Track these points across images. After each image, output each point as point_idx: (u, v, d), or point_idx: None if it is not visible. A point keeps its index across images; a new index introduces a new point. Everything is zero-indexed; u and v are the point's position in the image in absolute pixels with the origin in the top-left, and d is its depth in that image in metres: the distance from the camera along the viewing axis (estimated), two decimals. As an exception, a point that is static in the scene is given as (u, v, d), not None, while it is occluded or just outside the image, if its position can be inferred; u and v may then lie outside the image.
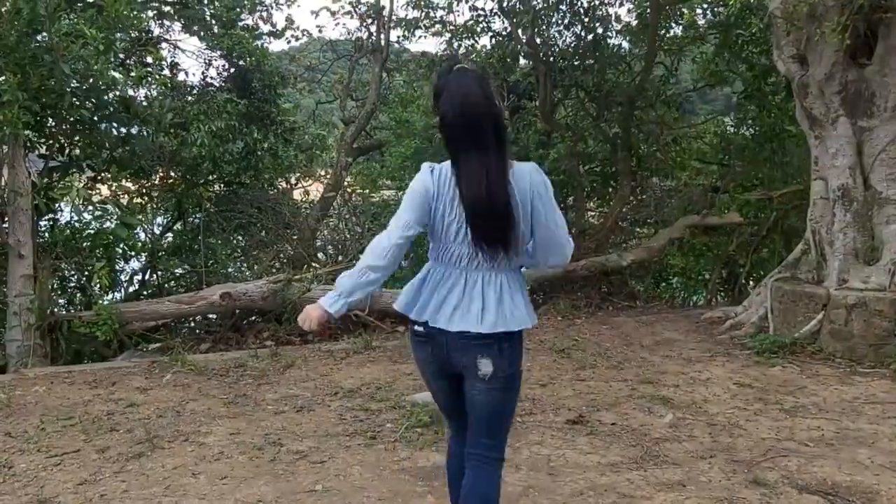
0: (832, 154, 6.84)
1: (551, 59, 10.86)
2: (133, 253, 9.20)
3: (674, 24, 11.24)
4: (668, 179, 11.87)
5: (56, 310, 7.36)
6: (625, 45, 11.60)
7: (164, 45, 10.28)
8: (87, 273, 7.71)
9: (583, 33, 10.81)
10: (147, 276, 9.93)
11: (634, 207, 11.23)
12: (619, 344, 6.81)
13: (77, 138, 7.65)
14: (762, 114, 10.58)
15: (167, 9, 10.15)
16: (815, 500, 3.49)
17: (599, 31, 10.74)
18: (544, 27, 10.82)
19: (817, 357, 6.17)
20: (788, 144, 10.48)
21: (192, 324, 8.42)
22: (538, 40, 10.71)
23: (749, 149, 10.88)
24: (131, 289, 9.57)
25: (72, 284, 8.45)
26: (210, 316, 8.20)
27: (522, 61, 11.89)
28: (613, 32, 11.10)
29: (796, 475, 3.79)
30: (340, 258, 9.58)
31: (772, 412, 4.82)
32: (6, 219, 6.74)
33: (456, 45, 12.48)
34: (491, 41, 11.75)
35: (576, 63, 10.92)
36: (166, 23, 10.40)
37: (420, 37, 13.14)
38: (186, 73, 10.55)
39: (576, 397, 5.14)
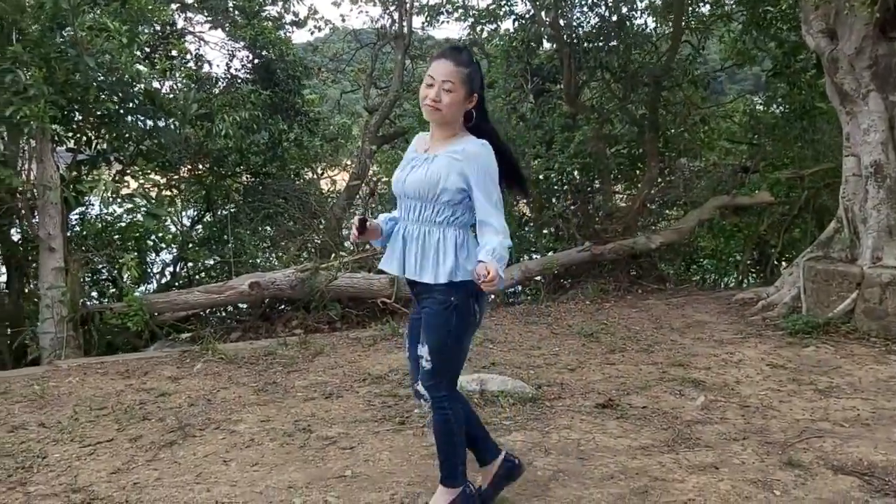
0: (864, 130, 6.70)
1: (575, 40, 10.75)
2: (163, 245, 9.29)
3: (700, 2, 11.07)
4: (696, 160, 11.71)
5: (88, 302, 7.45)
6: (650, 24, 11.46)
7: (188, 37, 10.34)
8: (117, 265, 7.78)
9: (607, 13, 10.70)
10: (177, 268, 10.04)
11: (662, 189, 11.10)
12: (648, 327, 6.74)
13: (104, 132, 7.71)
14: (792, 91, 10.40)
15: (190, 0, 10.19)
16: (850, 481, 3.43)
17: (624, 10, 10.63)
18: (568, 8, 10.71)
19: (851, 336, 6.07)
20: (819, 122, 10.30)
21: (223, 314, 8.50)
22: (562, 22, 10.61)
23: (779, 127, 10.71)
24: (162, 280, 9.69)
25: (103, 277, 8.55)
26: (240, 305, 8.26)
27: (546, 44, 11.79)
28: (638, 12, 10.98)
29: (831, 456, 3.72)
30: (368, 246, 9.58)
31: (806, 393, 4.74)
32: (36, 213, 6.82)
33: (479, 29, 12.42)
34: (514, 24, 11.66)
35: (600, 44, 10.81)
36: (189, 15, 10.45)
37: (443, 22, 13.06)
38: (210, 65, 10.61)
39: (605, 381, 5.10)
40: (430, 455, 3.84)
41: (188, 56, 10.11)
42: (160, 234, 8.65)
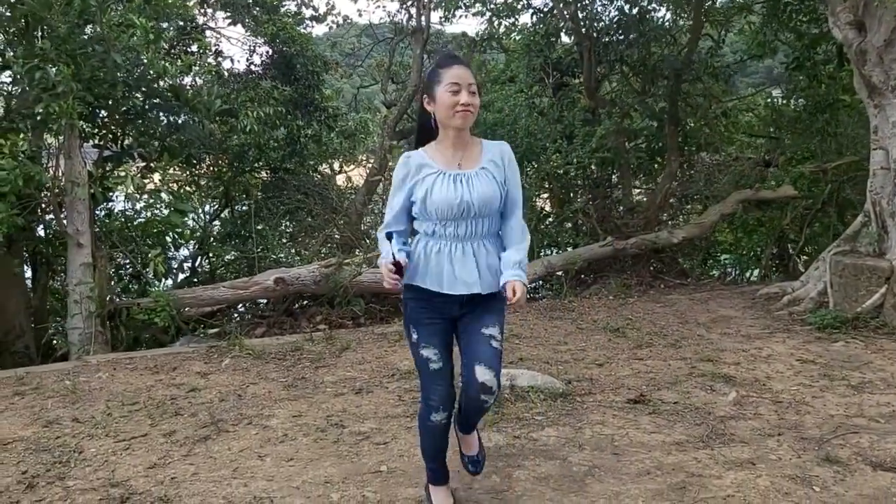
0: (893, 123, 6.64)
1: (595, 34, 10.71)
2: (182, 241, 9.34)
3: (720, -5, 11.00)
4: (716, 154, 11.64)
5: (115, 298, 7.50)
6: (669, 17, 11.39)
7: (208, 33, 10.37)
8: (143, 261, 7.83)
9: (627, 7, 10.64)
10: (197, 264, 10.09)
11: (683, 183, 11.05)
12: (674, 322, 6.72)
13: (129, 128, 7.76)
14: (813, 84, 10.32)
15: (211, -3, 10.24)
16: (890, 477, 3.40)
17: (644, 3, 10.56)
18: (587, 2, 10.67)
19: (881, 332, 6.02)
20: (841, 115, 10.22)
21: (243, 309, 8.52)
22: (581, 15, 10.56)
23: (801, 121, 10.63)
24: (181, 276, 9.73)
25: (127, 272, 8.60)
26: (259, 302, 8.29)
27: (565, 38, 11.75)
28: (658, 4, 10.90)
29: (869, 452, 3.70)
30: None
31: (838, 388, 4.72)
32: (64, 209, 6.86)
33: (497, 23, 12.39)
34: (532, 18, 11.63)
35: (620, 37, 10.75)
36: (209, 11, 10.48)
37: (460, 17, 13.04)
38: (232, 61, 10.65)
39: (634, 376, 5.08)
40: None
41: (208, 52, 10.15)
42: (180, 230, 8.70)
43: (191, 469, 3.72)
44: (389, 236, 2.75)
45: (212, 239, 10.02)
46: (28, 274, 8.08)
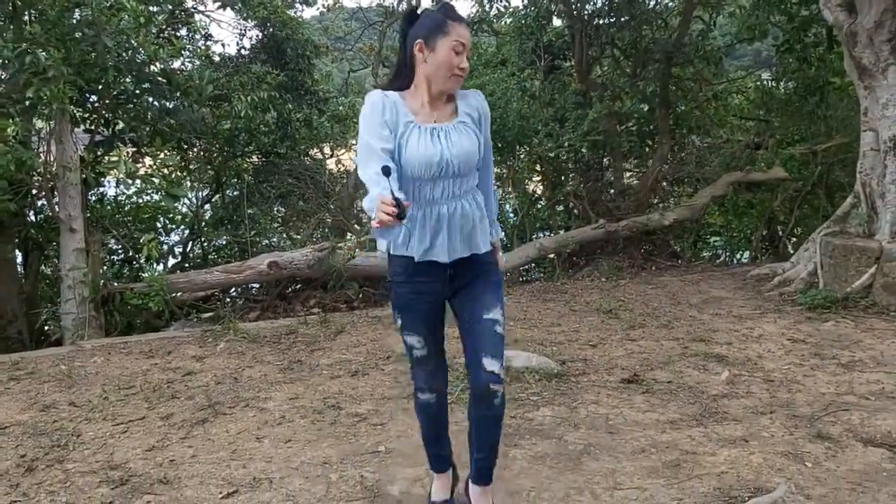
0: (883, 104, 6.68)
1: (586, 17, 10.69)
2: (174, 226, 9.31)
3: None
4: (707, 136, 11.68)
5: (107, 283, 7.49)
6: (660, -1, 11.39)
7: (197, 17, 10.30)
8: (137, 246, 7.81)
9: (618, -11, 10.62)
10: (188, 248, 10.07)
11: (674, 166, 11.09)
12: (666, 303, 6.77)
13: (120, 112, 7.72)
14: (803, 66, 10.35)
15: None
16: (880, 453, 3.46)
17: (635, -15, 10.54)
18: (579, -16, 10.65)
19: (871, 311, 6.09)
20: (831, 97, 10.26)
21: (236, 294, 8.52)
22: (573, -2, 10.55)
23: (791, 103, 10.67)
24: (172, 261, 9.72)
25: (119, 257, 8.59)
26: (252, 286, 8.28)
27: (556, 21, 11.73)
28: (649, -14, 10.91)
29: (859, 428, 3.76)
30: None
31: (829, 367, 4.78)
32: (56, 194, 6.84)
33: (487, 5, 12.35)
34: (523, 1, 11.60)
35: (611, 20, 10.74)
36: (200, -7, 10.40)
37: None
38: (224, 45, 10.59)
39: (628, 357, 5.13)
40: (460, 431, 3.86)
41: (198, 35, 10.09)
42: (170, 215, 8.68)
43: (189, 451, 3.74)
44: (387, 171, 2.20)
45: (203, 224, 9.99)
46: (20, 259, 8.05)
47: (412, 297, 2.67)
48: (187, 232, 10.02)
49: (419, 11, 2.65)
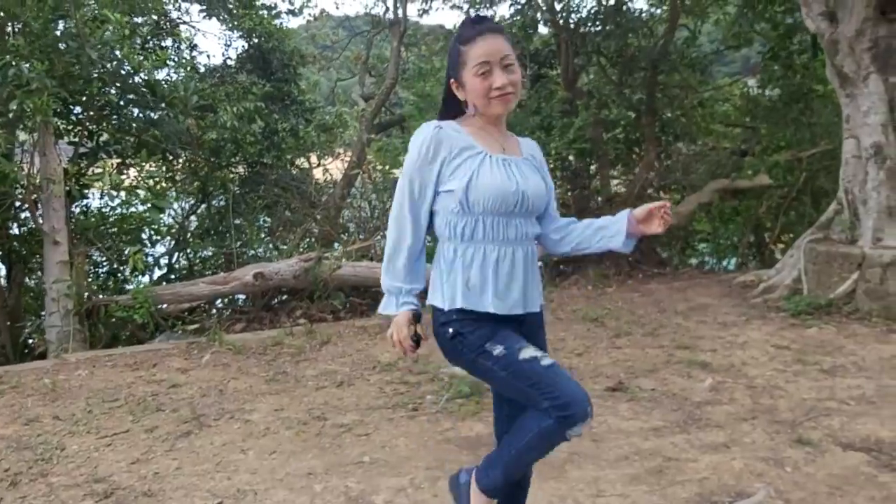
0: (864, 112, 6.75)
1: (572, 25, 10.75)
2: (158, 237, 9.27)
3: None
4: (693, 144, 11.74)
5: (91, 295, 7.46)
6: (646, 8, 11.45)
7: (182, 27, 10.31)
8: (122, 258, 7.78)
9: (604, -2, 10.68)
10: (174, 259, 10.03)
11: (661, 173, 11.14)
12: (652, 311, 6.80)
13: (104, 124, 7.70)
14: (787, 74, 10.43)
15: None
16: (859, 457, 3.49)
17: (621, -6, 10.60)
18: (564, -7, 10.70)
19: (853, 317, 6.14)
20: (815, 105, 10.35)
21: (222, 305, 8.49)
22: (558, 6, 10.60)
23: (776, 110, 10.75)
24: (158, 273, 9.67)
25: (104, 269, 8.54)
26: (238, 297, 8.25)
27: (542, 29, 11.78)
28: (634, -5, 10.98)
29: (839, 433, 3.79)
30: (363, 235, 9.61)
31: (811, 373, 4.81)
32: (40, 206, 6.81)
33: (474, 14, 12.37)
34: (510, 9, 11.64)
35: (597, 29, 10.79)
36: (184, 5, 10.41)
37: (437, 9, 13.03)
38: (209, 56, 10.61)
39: (613, 365, 5.15)
40: (445, 440, 3.89)
41: (183, 46, 10.08)
42: (155, 227, 8.65)
43: (174, 463, 3.73)
44: (418, 317, 2.07)
45: (189, 235, 9.96)
46: (3, 272, 8.00)
47: (492, 325, 2.15)
48: (173, 243, 9.98)
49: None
